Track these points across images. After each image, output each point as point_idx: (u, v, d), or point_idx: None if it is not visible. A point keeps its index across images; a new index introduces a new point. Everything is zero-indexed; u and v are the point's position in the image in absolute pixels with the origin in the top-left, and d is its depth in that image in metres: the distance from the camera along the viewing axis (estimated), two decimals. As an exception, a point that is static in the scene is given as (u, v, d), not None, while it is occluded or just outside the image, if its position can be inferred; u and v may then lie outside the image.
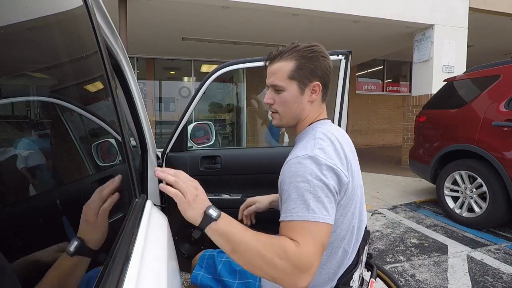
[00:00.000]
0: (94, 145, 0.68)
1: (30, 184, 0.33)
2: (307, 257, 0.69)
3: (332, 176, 0.76)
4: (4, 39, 0.29)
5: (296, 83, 0.89)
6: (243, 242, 0.69)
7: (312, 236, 0.71)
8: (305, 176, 0.75)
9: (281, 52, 0.91)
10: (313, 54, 0.89)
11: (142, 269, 0.43)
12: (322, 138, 0.84)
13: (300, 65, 0.88)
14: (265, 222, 1.28)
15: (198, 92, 1.58)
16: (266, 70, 0.95)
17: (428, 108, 3.71)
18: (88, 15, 0.57)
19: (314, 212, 0.72)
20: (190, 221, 0.70)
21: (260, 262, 0.68)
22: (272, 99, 0.93)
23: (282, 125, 0.96)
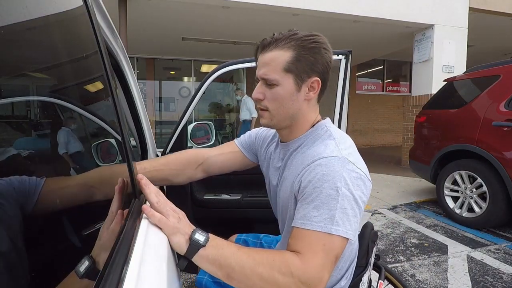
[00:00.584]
0: (94, 145, 0.68)
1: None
2: (314, 271, 0.63)
3: (359, 185, 0.70)
4: (4, 39, 0.29)
5: (292, 77, 0.76)
6: (237, 265, 0.61)
7: (324, 248, 0.65)
8: (335, 183, 0.67)
9: (277, 40, 0.77)
10: (315, 45, 0.76)
11: (142, 269, 0.43)
12: (343, 138, 0.78)
13: (298, 56, 0.75)
14: (265, 222, 1.28)
15: (198, 92, 1.58)
16: (256, 59, 0.81)
17: (428, 108, 3.71)
18: (88, 15, 0.57)
19: (338, 225, 0.65)
20: (176, 249, 0.62)
21: (261, 284, 0.61)
22: (262, 94, 0.79)
23: (272, 126, 0.83)
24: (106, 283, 0.37)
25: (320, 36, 0.78)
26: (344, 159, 0.70)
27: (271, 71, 0.76)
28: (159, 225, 0.61)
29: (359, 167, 0.71)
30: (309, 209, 0.68)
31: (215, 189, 1.66)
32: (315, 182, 0.69)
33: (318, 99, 0.84)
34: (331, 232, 0.65)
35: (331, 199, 0.66)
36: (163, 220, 0.61)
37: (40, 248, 0.32)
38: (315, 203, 0.67)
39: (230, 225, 1.65)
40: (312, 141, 0.81)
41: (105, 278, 0.38)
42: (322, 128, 0.81)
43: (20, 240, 0.28)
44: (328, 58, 0.78)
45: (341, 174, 0.68)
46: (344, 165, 0.69)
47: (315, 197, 0.68)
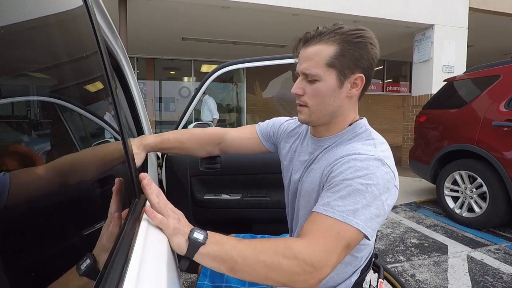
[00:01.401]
0: (93, 145, 0.68)
1: (29, 183, 0.33)
2: (321, 253, 0.62)
3: (389, 189, 0.69)
4: (4, 39, 0.29)
5: (335, 73, 0.73)
6: (239, 257, 0.61)
7: (338, 236, 0.64)
8: (366, 180, 0.66)
9: (321, 33, 0.74)
10: (361, 39, 0.73)
11: (142, 269, 0.43)
12: (381, 140, 0.77)
13: (343, 51, 0.72)
14: (265, 222, 1.28)
15: (198, 92, 1.58)
16: (297, 52, 0.79)
17: (428, 108, 3.71)
18: (88, 15, 0.57)
19: (360, 219, 0.64)
20: (176, 250, 0.61)
21: (265, 271, 0.61)
22: (301, 89, 0.77)
23: (310, 122, 0.81)
24: (106, 283, 0.37)
25: (366, 30, 0.75)
26: (381, 161, 0.69)
27: (313, 66, 0.74)
28: (161, 227, 0.61)
29: (393, 171, 0.70)
30: (334, 198, 0.67)
31: (215, 189, 1.66)
32: (346, 175, 0.68)
33: (360, 96, 0.81)
34: (351, 224, 0.64)
35: (359, 194, 0.66)
36: (164, 222, 0.61)
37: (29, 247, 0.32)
38: (342, 194, 0.67)
39: (230, 225, 1.65)
40: (349, 139, 0.79)
41: (105, 278, 0.38)
42: (361, 127, 0.79)
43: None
44: (374, 54, 0.75)
45: (374, 174, 0.67)
46: (379, 166, 0.68)
47: (342, 188, 0.67)
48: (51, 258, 0.34)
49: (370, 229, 0.66)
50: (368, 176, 0.67)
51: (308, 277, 0.61)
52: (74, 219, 0.42)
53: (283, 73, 6.74)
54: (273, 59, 1.55)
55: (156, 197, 0.64)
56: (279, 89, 2.98)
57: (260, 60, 1.54)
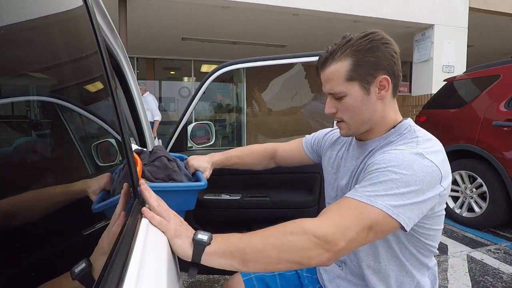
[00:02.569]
0: (94, 145, 0.68)
1: (29, 184, 0.33)
2: (333, 227, 0.60)
3: (430, 182, 0.66)
4: (4, 39, 0.29)
5: (358, 84, 0.74)
6: (248, 246, 0.60)
7: (359, 216, 0.62)
8: (400, 170, 0.64)
9: (332, 52, 0.76)
10: (372, 44, 0.73)
11: (142, 269, 0.43)
12: (427, 138, 0.75)
13: (358, 62, 0.73)
14: (265, 223, 1.28)
15: (198, 92, 1.58)
16: (320, 76, 0.81)
17: (428, 108, 3.71)
18: (88, 15, 0.57)
19: (387, 203, 0.62)
20: (179, 254, 0.60)
21: (276, 253, 0.59)
22: (334, 108, 0.79)
23: (352, 134, 0.83)
24: (106, 283, 0.37)
25: (375, 32, 0.75)
26: (420, 154, 0.67)
27: (335, 85, 0.76)
28: (160, 228, 0.60)
29: (438, 167, 0.67)
30: (365, 185, 0.67)
31: (215, 189, 1.66)
32: (379, 164, 0.68)
33: (394, 94, 0.80)
34: (375, 205, 0.62)
35: (391, 182, 0.64)
36: (163, 223, 0.60)
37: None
38: (373, 181, 0.66)
39: (230, 225, 1.65)
40: (392, 140, 0.78)
41: (105, 278, 0.38)
42: (406, 128, 0.78)
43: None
44: (391, 51, 0.75)
45: (410, 165, 0.65)
46: (417, 159, 0.66)
47: (374, 177, 0.66)
48: (46, 263, 0.33)
49: (404, 217, 0.63)
50: (403, 166, 0.65)
51: (321, 251, 0.59)
52: (72, 222, 0.42)
53: (283, 73, 6.75)
54: (273, 59, 1.54)
55: (155, 201, 0.64)
56: (308, 104, 2.95)
57: (260, 60, 1.54)
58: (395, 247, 0.77)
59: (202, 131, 1.87)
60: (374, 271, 0.79)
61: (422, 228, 0.74)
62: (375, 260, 0.79)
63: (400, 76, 0.79)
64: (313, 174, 1.54)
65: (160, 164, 0.98)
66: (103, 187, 0.52)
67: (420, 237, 0.75)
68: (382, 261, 0.78)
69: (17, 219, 0.29)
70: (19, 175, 0.31)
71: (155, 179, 0.94)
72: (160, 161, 0.99)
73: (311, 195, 1.58)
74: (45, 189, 0.35)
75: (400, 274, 0.78)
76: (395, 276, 0.78)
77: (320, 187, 1.55)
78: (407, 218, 0.63)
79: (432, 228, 0.75)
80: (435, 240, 0.78)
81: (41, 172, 0.36)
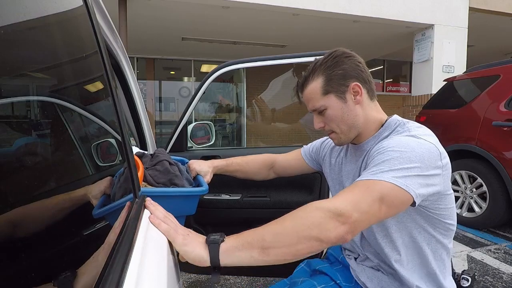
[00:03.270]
0: (94, 145, 0.68)
1: (29, 184, 0.33)
2: (345, 201, 0.62)
3: (430, 158, 0.70)
4: (4, 39, 0.29)
5: (333, 95, 0.83)
6: (265, 232, 0.60)
7: (366, 190, 0.65)
8: (400, 149, 0.69)
9: (306, 77, 0.87)
10: (335, 59, 0.83)
11: (142, 269, 0.43)
12: (418, 126, 0.80)
13: (328, 77, 0.82)
14: (265, 222, 1.28)
15: (198, 92, 1.58)
16: (302, 99, 0.90)
17: (428, 108, 3.71)
18: (88, 15, 0.57)
19: (392, 175, 0.65)
20: (194, 261, 0.58)
21: (295, 233, 0.59)
22: (321, 122, 0.88)
23: (345, 142, 0.89)
24: (106, 283, 0.37)
25: (337, 50, 0.84)
26: (416, 136, 0.74)
27: (314, 101, 0.85)
28: (167, 236, 0.59)
29: (436, 146, 0.73)
30: (369, 168, 0.71)
31: (215, 189, 1.66)
32: (379, 150, 0.73)
33: (371, 97, 0.87)
34: (381, 178, 0.65)
35: (393, 160, 0.68)
36: (171, 232, 0.60)
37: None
38: (376, 163, 0.70)
39: (230, 225, 1.65)
40: (386, 136, 0.83)
41: (105, 278, 0.38)
42: (395, 123, 0.84)
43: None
44: (355, 61, 0.84)
45: (408, 144, 0.71)
46: (414, 140, 0.72)
47: (376, 159, 0.71)
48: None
49: (412, 187, 0.65)
50: (401, 145, 0.71)
51: (337, 223, 0.60)
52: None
53: (283, 73, 6.73)
54: (273, 59, 1.54)
55: (161, 214, 0.64)
56: (307, 115, 2.90)
57: (260, 60, 1.54)
58: (416, 235, 0.80)
59: (202, 131, 1.87)
60: (401, 264, 0.82)
61: (437, 209, 0.78)
62: (397, 252, 0.82)
63: (370, 81, 0.86)
64: (313, 174, 1.54)
65: (162, 168, 0.98)
66: (103, 191, 0.51)
67: (438, 217, 0.79)
68: (403, 252, 0.81)
69: (19, 225, 0.29)
70: (19, 175, 0.31)
71: (156, 183, 0.94)
72: (161, 165, 0.99)
73: (311, 195, 1.58)
74: (48, 196, 0.35)
75: (424, 263, 0.81)
76: (420, 264, 0.82)
77: (320, 187, 1.55)
78: (415, 189, 0.66)
79: (447, 207, 0.79)
80: (452, 218, 0.82)
81: (41, 172, 0.36)
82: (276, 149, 1.90)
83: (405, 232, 0.80)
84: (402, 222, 0.80)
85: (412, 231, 0.80)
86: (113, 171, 0.68)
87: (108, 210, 0.44)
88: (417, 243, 0.81)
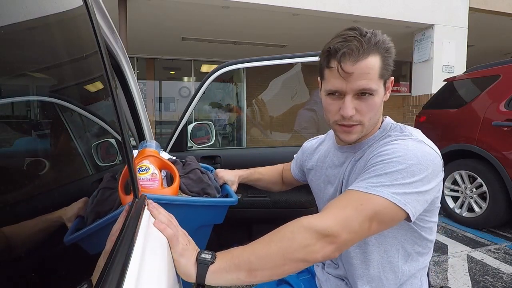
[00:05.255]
0: (94, 145, 0.68)
1: (29, 185, 0.33)
2: (333, 221, 0.59)
3: (434, 171, 0.65)
4: (4, 39, 0.29)
5: (383, 83, 0.72)
6: (252, 255, 0.59)
7: (359, 207, 0.60)
8: (405, 160, 0.64)
9: (365, 45, 0.66)
10: (390, 44, 0.71)
11: (142, 269, 0.43)
12: (415, 130, 0.74)
13: (384, 60, 0.70)
14: (265, 222, 1.28)
15: (198, 92, 1.58)
16: (339, 70, 0.68)
17: (428, 108, 3.71)
18: (88, 15, 0.57)
19: (390, 190, 0.61)
20: (182, 275, 0.59)
21: (281, 255, 0.58)
22: (354, 109, 0.70)
23: (356, 139, 0.76)
24: (106, 283, 0.37)
25: (379, 31, 0.72)
26: (419, 141, 0.68)
27: (370, 81, 0.68)
28: (170, 242, 0.59)
29: (438, 154, 0.68)
30: (369, 176, 0.65)
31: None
32: (383, 156, 0.66)
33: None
34: (377, 193, 0.61)
35: (397, 173, 0.63)
36: (174, 239, 0.60)
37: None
38: (378, 173, 0.64)
39: (230, 225, 1.65)
40: (380, 138, 0.77)
41: (105, 278, 0.38)
42: (390, 126, 0.78)
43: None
44: (393, 53, 0.74)
45: (414, 153, 0.64)
46: (419, 146, 0.66)
47: (379, 168, 0.65)
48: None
49: (411, 206, 0.62)
50: (408, 156, 0.64)
51: (324, 244, 0.58)
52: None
53: (283, 73, 6.73)
54: (273, 59, 1.55)
55: (165, 217, 0.64)
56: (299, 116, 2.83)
57: (260, 60, 1.54)
58: (393, 252, 0.75)
59: (202, 131, 1.87)
60: (364, 280, 0.77)
61: (422, 221, 0.73)
62: (365, 267, 0.77)
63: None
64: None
65: (195, 177, 1.00)
66: (77, 214, 0.44)
67: (421, 231, 0.74)
68: (376, 269, 0.76)
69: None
70: (19, 175, 0.31)
71: (190, 192, 0.96)
72: (194, 174, 1.01)
73: (311, 195, 1.57)
74: (47, 196, 0.35)
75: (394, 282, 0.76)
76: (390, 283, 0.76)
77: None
78: (413, 207, 0.63)
79: (431, 220, 0.75)
80: (433, 233, 0.78)
81: (41, 172, 0.36)
82: (276, 149, 1.90)
83: (383, 247, 0.75)
84: (383, 236, 0.74)
85: (389, 247, 0.75)
86: (113, 171, 0.68)
87: (80, 235, 0.41)
88: (392, 261, 0.75)
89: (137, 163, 0.90)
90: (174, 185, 0.91)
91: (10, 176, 0.30)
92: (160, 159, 0.96)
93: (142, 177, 0.86)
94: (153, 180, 0.86)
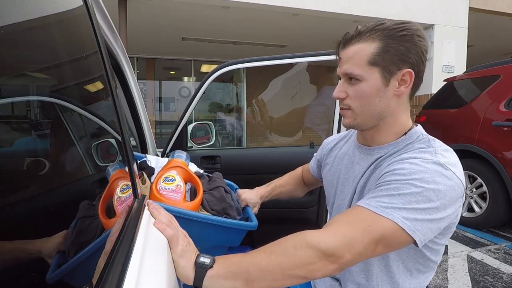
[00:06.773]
0: (94, 145, 0.68)
1: (29, 184, 0.33)
2: (338, 240, 0.57)
3: (453, 198, 0.61)
4: (4, 39, 0.29)
5: (378, 71, 0.67)
6: (251, 265, 0.58)
7: (367, 228, 0.58)
8: (422, 183, 0.60)
9: (360, 32, 0.69)
10: (406, 32, 0.66)
11: (142, 269, 0.43)
12: (444, 148, 0.68)
13: (386, 47, 0.66)
14: (264, 222, 1.28)
15: (198, 92, 1.58)
16: (339, 55, 0.72)
17: (428, 108, 3.71)
18: (88, 15, 0.57)
19: (401, 215, 0.58)
20: (181, 276, 0.58)
21: (280, 270, 0.57)
22: (344, 92, 0.72)
23: (355, 126, 0.75)
24: (106, 283, 0.37)
25: (412, 23, 0.69)
26: (442, 165, 0.62)
27: (354, 65, 0.68)
28: (170, 242, 0.59)
29: (460, 180, 0.63)
30: (382, 194, 0.62)
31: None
32: (399, 175, 0.63)
33: (411, 95, 0.74)
34: (388, 216, 0.58)
35: (411, 196, 0.59)
36: (174, 240, 0.59)
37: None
38: (391, 193, 0.61)
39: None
40: (402, 147, 0.72)
41: (105, 278, 0.38)
42: (418, 136, 0.73)
43: None
44: (423, 47, 0.69)
45: (433, 178, 0.60)
46: (440, 171, 0.61)
47: (393, 188, 0.62)
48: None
49: (420, 233, 0.59)
50: (426, 179, 0.60)
51: (325, 263, 0.57)
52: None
53: (283, 73, 6.72)
54: (273, 59, 1.55)
55: (165, 218, 0.63)
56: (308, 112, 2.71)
57: (260, 60, 1.54)
58: (392, 264, 0.73)
59: (202, 131, 1.87)
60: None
61: (431, 242, 0.69)
62: (364, 275, 0.76)
63: (422, 77, 0.73)
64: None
65: (218, 195, 0.98)
66: (57, 248, 0.39)
67: (426, 251, 0.71)
68: (374, 280, 0.75)
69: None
70: (19, 175, 0.31)
71: (211, 209, 0.94)
72: (218, 192, 0.99)
73: (311, 195, 1.58)
74: (47, 196, 0.35)
75: None
76: None
77: (320, 187, 1.55)
78: (423, 234, 0.60)
79: (440, 243, 0.72)
80: (439, 254, 0.75)
81: (41, 172, 0.36)
82: (278, 149, 1.91)
83: (384, 261, 0.74)
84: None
85: (390, 263, 0.73)
86: (89, 197, 0.66)
87: (63, 271, 0.37)
88: (391, 275, 0.73)
89: (164, 172, 0.90)
90: (196, 200, 0.89)
91: (10, 176, 0.30)
92: (187, 172, 0.95)
93: (167, 187, 0.85)
94: (176, 192, 0.85)
